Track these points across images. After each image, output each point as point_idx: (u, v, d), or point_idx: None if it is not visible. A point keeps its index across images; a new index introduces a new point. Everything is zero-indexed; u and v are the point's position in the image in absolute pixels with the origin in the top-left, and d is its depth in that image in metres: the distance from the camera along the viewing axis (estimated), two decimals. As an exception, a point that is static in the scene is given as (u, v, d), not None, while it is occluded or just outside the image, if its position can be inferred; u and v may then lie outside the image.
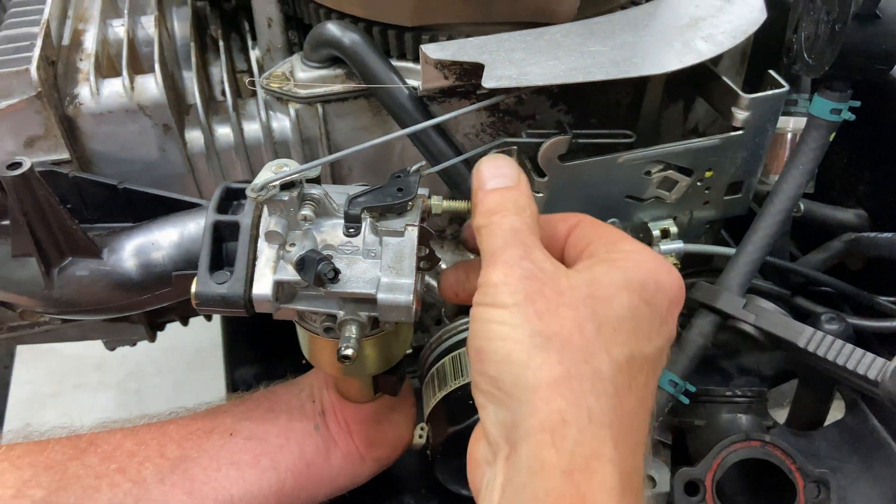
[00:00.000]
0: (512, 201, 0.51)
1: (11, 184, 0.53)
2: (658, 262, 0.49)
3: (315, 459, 0.67)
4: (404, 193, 0.53)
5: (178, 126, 0.67)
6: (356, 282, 0.53)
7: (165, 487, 0.61)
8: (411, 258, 0.53)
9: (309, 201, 0.54)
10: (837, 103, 0.66)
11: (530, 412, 0.42)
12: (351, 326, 0.54)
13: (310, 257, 0.51)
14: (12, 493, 0.57)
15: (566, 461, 0.40)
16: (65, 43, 0.68)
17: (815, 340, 0.63)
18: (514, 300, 0.45)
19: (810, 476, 0.69)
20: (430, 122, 0.62)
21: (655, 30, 0.63)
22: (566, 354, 0.43)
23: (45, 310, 0.62)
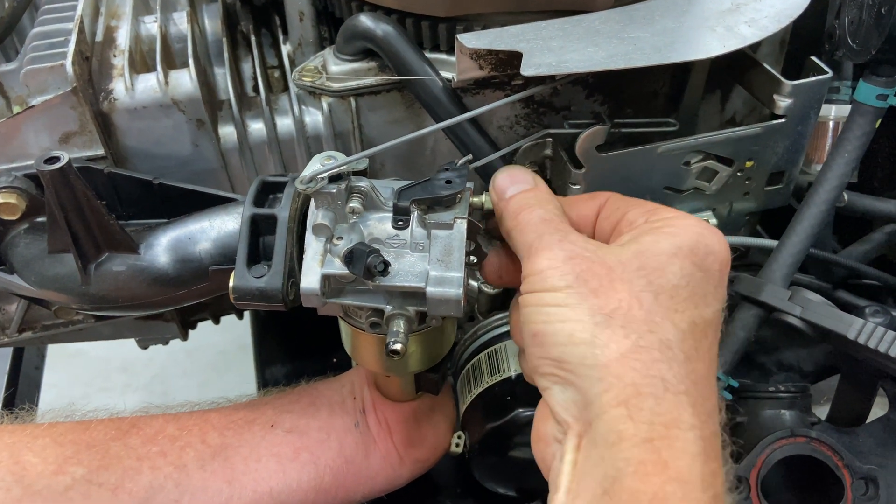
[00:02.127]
0: (533, 198, 0.51)
1: (49, 178, 0.53)
2: (702, 225, 0.48)
3: (354, 457, 0.66)
4: (453, 186, 0.53)
5: (211, 121, 0.66)
6: (405, 275, 0.52)
7: (206, 474, 0.61)
8: (460, 251, 0.52)
9: (356, 194, 0.53)
10: (884, 88, 0.64)
11: (603, 389, 0.41)
12: (399, 321, 0.53)
13: (359, 250, 0.50)
14: (53, 469, 0.57)
15: (645, 430, 0.40)
16: (98, 39, 0.68)
17: (865, 332, 0.62)
18: (565, 282, 0.45)
19: (858, 472, 0.67)
20: (466, 115, 0.61)
21: (696, 15, 0.62)
22: (631, 328, 0.42)
23: (81, 306, 0.61)
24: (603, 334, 0.43)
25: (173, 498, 0.59)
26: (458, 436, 0.73)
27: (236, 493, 0.61)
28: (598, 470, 0.41)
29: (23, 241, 0.61)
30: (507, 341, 0.72)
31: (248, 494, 0.61)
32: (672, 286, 0.45)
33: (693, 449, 0.40)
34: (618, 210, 0.52)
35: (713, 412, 0.44)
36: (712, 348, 0.46)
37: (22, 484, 0.55)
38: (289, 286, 0.55)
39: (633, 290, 0.44)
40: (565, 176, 0.68)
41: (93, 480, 0.57)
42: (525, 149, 0.71)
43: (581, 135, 0.64)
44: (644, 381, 0.41)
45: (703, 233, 0.47)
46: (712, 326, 0.46)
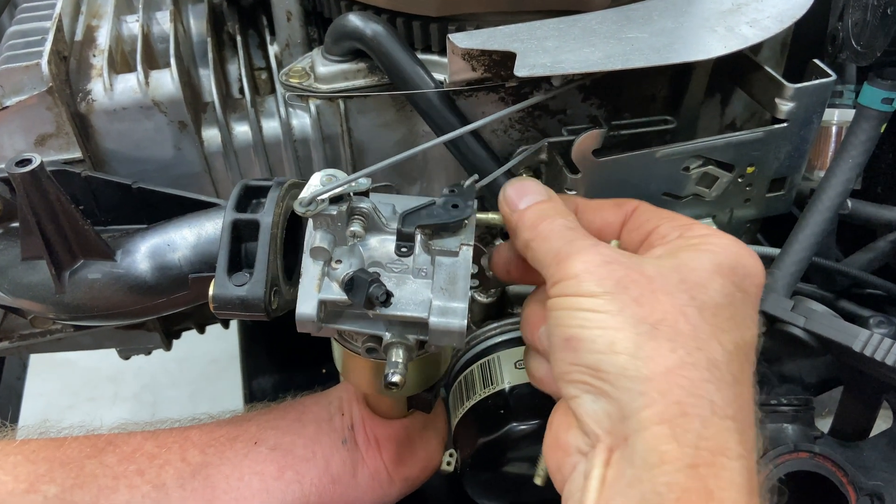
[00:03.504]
0: (552, 209, 0.50)
1: (20, 181, 0.50)
2: (739, 245, 0.47)
3: (341, 476, 0.64)
4: (460, 211, 0.50)
5: (194, 124, 0.64)
6: (407, 304, 0.49)
7: (185, 493, 0.59)
8: (465, 280, 0.50)
9: (358, 216, 0.50)
10: (889, 92, 0.62)
11: (644, 404, 0.39)
12: (398, 350, 0.51)
13: (360, 278, 0.48)
14: (25, 488, 0.55)
15: (691, 455, 0.38)
16: (77, 39, 0.66)
17: (872, 344, 0.59)
18: (603, 288, 0.42)
19: (864, 489, 0.65)
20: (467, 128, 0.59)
21: (696, 15, 0.60)
22: (678, 342, 0.40)
23: (56, 315, 0.59)
24: (648, 346, 0.40)
25: None
26: (450, 454, 0.71)
27: None
28: (633, 491, 0.38)
29: (-4, 248, 0.59)
30: (501, 352, 0.69)
31: None
32: (715, 304, 0.43)
33: (739, 480, 0.38)
34: (648, 222, 0.50)
35: (755, 442, 0.42)
36: (752, 375, 0.44)
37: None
38: (271, 295, 0.53)
39: (677, 304, 0.42)
40: (561, 181, 0.65)
41: (66, 499, 0.55)
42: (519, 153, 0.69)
43: (577, 139, 0.62)
44: (691, 400, 0.39)
45: (741, 253, 0.46)
46: (753, 350, 0.45)
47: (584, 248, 0.45)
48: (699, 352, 0.40)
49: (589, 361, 0.42)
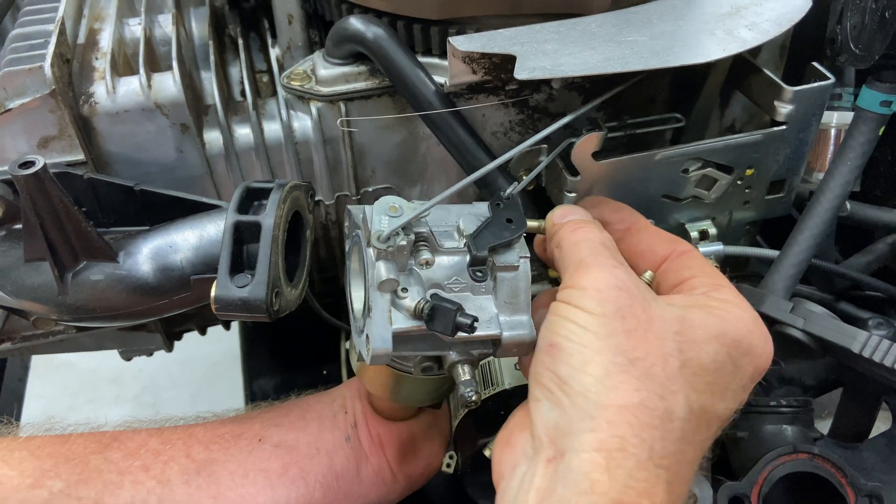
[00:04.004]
0: (594, 226, 0.51)
1: (24, 183, 0.51)
2: (756, 324, 0.47)
3: (345, 473, 0.64)
4: (517, 225, 0.52)
5: (196, 126, 0.64)
6: (479, 324, 0.49)
7: (191, 489, 0.59)
8: (527, 292, 0.51)
9: (423, 242, 0.51)
10: (888, 95, 0.63)
11: (590, 427, 0.41)
12: (465, 367, 0.51)
13: (443, 308, 0.47)
14: (30, 483, 0.55)
15: (618, 491, 0.40)
16: (80, 41, 0.66)
17: (870, 345, 0.60)
18: (602, 309, 0.44)
19: (862, 490, 0.65)
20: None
21: (695, 18, 0.60)
22: (645, 384, 0.42)
23: (58, 317, 0.59)
24: (616, 377, 0.42)
25: None
26: (450, 455, 0.71)
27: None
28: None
29: (-1, 249, 0.59)
30: (501, 354, 0.69)
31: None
32: (701, 365, 0.44)
33: None
34: (689, 269, 0.51)
35: (680, 498, 0.43)
36: (708, 441, 0.45)
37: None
38: (273, 296, 0.53)
39: (663, 350, 0.43)
40: (561, 183, 0.66)
41: (71, 494, 0.55)
42: (520, 156, 0.70)
43: (577, 142, 0.63)
44: (633, 440, 0.41)
45: (753, 331, 0.47)
46: (719, 422, 0.46)
47: (604, 266, 0.46)
48: (661, 400, 0.42)
49: (561, 372, 0.43)
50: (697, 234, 0.71)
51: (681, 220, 0.71)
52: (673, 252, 0.52)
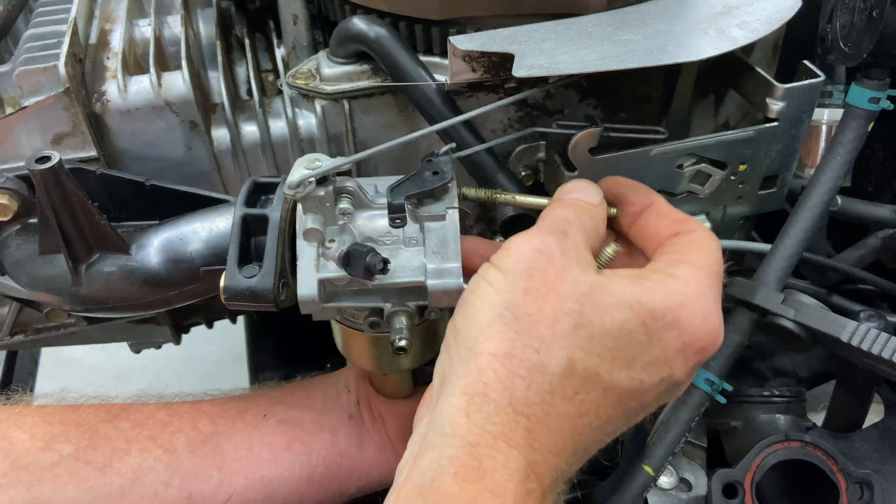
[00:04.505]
0: (582, 205, 0.52)
1: (40, 177, 0.53)
2: (694, 300, 0.47)
3: (348, 449, 0.66)
4: (440, 176, 0.53)
5: (204, 124, 0.66)
6: (403, 271, 0.52)
7: (196, 459, 0.61)
8: (455, 241, 0.52)
9: (345, 194, 0.53)
10: (876, 92, 0.64)
11: (463, 373, 0.43)
12: (401, 317, 0.53)
13: (356, 251, 0.50)
14: (41, 446, 0.57)
15: (475, 434, 0.41)
16: (92, 42, 0.68)
17: (858, 334, 0.61)
18: (514, 268, 0.46)
19: (853, 477, 0.66)
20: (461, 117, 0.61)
21: (688, 18, 0.62)
22: (523, 337, 0.43)
23: (72, 308, 0.61)
24: (496, 327, 0.44)
25: (163, 480, 0.59)
26: None
27: (226, 480, 0.61)
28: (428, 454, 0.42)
29: (14, 243, 0.61)
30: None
31: (239, 481, 0.61)
32: (601, 329, 0.44)
33: (513, 466, 0.41)
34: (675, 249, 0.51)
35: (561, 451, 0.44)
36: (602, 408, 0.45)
37: (9, 458, 0.55)
38: (280, 286, 0.55)
39: (560, 308, 0.44)
40: (559, 178, 0.68)
41: (80, 458, 0.57)
42: (519, 152, 0.71)
43: (574, 138, 0.64)
44: (496, 386, 0.42)
45: (686, 305, 0.46)
46: (615, 391, 0.45)
47: (535, 233, 0.48)
48: (535, 353, 0.43)
49: (458, 323, 0.46)
50: (692, 228, 0.72)
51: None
52: (677, 233, 0.52)
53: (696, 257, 0.49)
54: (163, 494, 0.58)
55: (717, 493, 0.66)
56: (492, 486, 0.40)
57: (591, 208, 0.52)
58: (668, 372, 0.47)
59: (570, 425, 0.44)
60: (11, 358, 1.17)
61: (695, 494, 0.71)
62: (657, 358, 0.46)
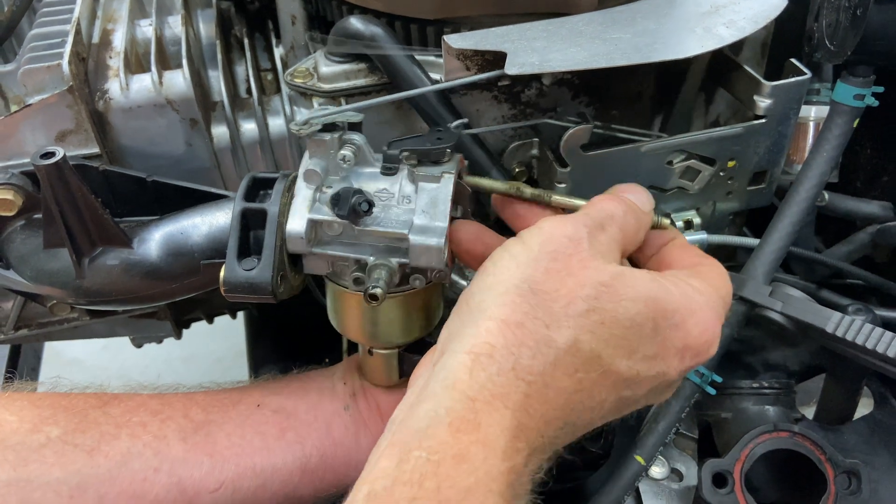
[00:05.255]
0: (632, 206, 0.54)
1: (45, 173, 0.54)
2: (704, 309, 0.50)
3: (343, 440, 0.67)
4: (443, 141, 0.55)
5: (204, 121, 0.68)
6: (389, 222, 0.53)
7: (187, 446, 0.61)
8: (445, 203, 0.54)
9: (349, 144, 0.55)
10: (861, 89, 0.66)
11: (471, 333, 0.45)
12: (381, 270, 0.55)
13: (345, 191, 0.52)
14: (29, 428, 0.57)
15: (475, 389, 0.43)
16: (94, 41, 0.70)
17: (843, 325, 0.63)
18: (539, 248, 0.47)
19: (841, 467, 0.67)
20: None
21: (676, 17, 0.63)
22: (536, 311, 0.45)
23: (75, 301, 0.62)
24: (510, 298, 0.45)
25: (152, 465, 0.59)
26: None
27: (218, 467, 0.61)
28: (425, 405, 0.44)
29: (19, 237, 0.62)
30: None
31: (231, 468, 0.61)
32: (613, 316, 0.46)
33: (506, 423, 0.43)
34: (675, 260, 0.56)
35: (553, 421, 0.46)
36: (596, 390, 0.47)
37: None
38: (278, 279, 0.56)
39: (576, 292, 0.46)
40: (551, 175, 0.69)
41: (68, 441, 0.58)
42: (512, 149, 0.73)
43: (566, 134, 0.66)
44: (502, 351, 0.44)
45: (696, 312, 0.49)
46: (612, 377, 0.47)
47: (573, 220, 0.49)
48: (545, 328, 0.45)
49: (473, 288, 0.48)
50: (682, 223, 0.74)
51: (666, 210, 0.74)
52: (697, 263, 0.55)
53: (711, 278, 0.53)
54: (152, 479, 0.59)
55: (707, 483, 0.67)
56: (484, 438, 0.42)
57: (641, 213, 0.54)
58: (664, 368, 0.49)
59: (564, 399, 0.46)
60: (14, 357, 1.19)
61: (686, 484, 0.72)
62: (657, 353, 0.48)
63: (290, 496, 0.65)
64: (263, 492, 0.63)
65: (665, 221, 0.57)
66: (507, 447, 0.42)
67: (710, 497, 0.67)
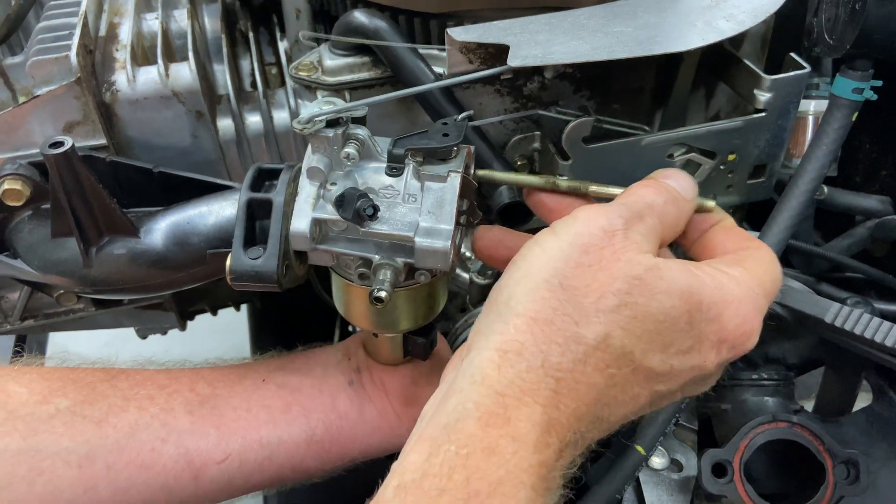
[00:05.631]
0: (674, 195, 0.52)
1: (53, 161, 0.55)
2: (743, 299, 0.48)
3: (348, 413, 0.67)
4: (449, 138, 0.53)
5: (210, 113, 0.68)
6: (394, 223, 0.53)
7: (194, 418, 0.62)
8: (452, 204, 0.53)
9: (353, 140, 0.54)
10: (859, 82, 0.67)
11: (500, 330, 0.45)
12: (386, 270, 0.54)
13: (350, 193, 0.51)
14: (38, 399, 0.58)
15: (504, 385, 0.43)
16: (101, 34, 0.70)
17: (842, 315, 0.63)
18: (571, 241, 0.46)
19: (839, 457, 0.68)
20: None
21: (677, 11, 0.64)
22: (566, 307, 0.45)
23: (82, 289, 0.63)
24: (542, 293, 0.45)
25: (160, 436, 0.60)
26: None
27: (224, 439, 0.62)
28: (452, 399, 0.44)
29: (27, 227, 0.63)
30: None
31: (237, 441, 0.62)
32: (645, 311, 0.45)
33: (536, 418, 0.43)
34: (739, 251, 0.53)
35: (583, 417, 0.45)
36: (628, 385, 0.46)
37: (5, 409, 0.56)
38: (283, 268, 0.57)
39: (607, 286, 0.45)
40: (553, 167, 0.70)
41: (77, 412, 0.58)
42: (515, 142, 0.74)
43: (567, 127, 0.67)
44: (531, 348, 0.44)
45: (732, 304, 0.48)
46: (644, 372, 0.46)
47: (607, 210, 0.48)
48: (574, 325, 0.44)
49: (502, 283, 0.47)
50: (683, 216, 0.75)
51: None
52: (744, 248, 0.53)
53: (753, 266, 0.51)
54: (160, 449, 0.59)
55: (707, 473, 0.68)
56: (514, 432, 0.42)
57: (682, 200, 0.52)
58: (700, 362, 0.48)
59: (596, 394, 0.45)
60: (19, 352, 1.19)
61: (685, 475, 0.73)
62: (692, 347, 0.47)
63: (296, 468, 0.65)
64: (270, 464, 0.63)
65: (710, 204, 0.55)
66: (537, 441, 0.42)
67: (710, 486, 0.67)
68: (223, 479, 0.62)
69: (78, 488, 0.56)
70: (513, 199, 0.67)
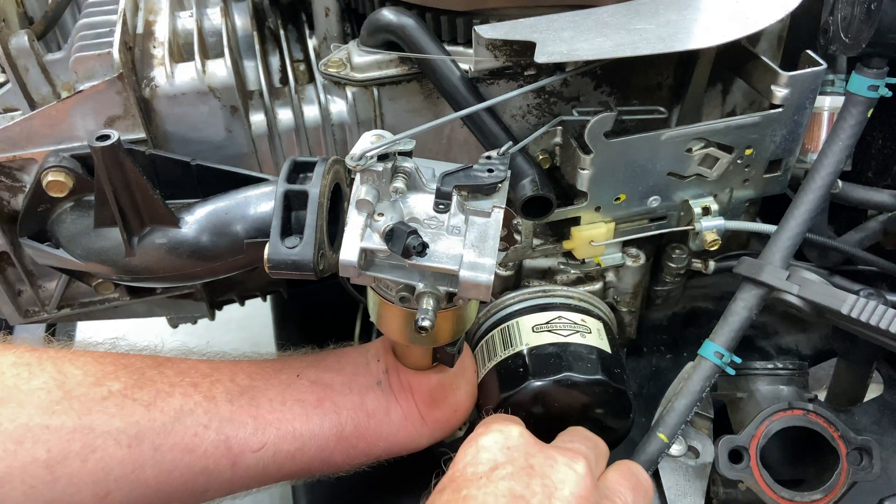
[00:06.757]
0: None
1: (100, 154, 0.57)
2: None
3: (376, 412, 0.70)
4: (494, 175, 0.56)
5: (243, 109, 0.71)
6: (440, 257, 0.55)
7: (233, 407, 0.65)
8: (495, 239, 0.55)
9: (401, 174, 0.56)
10: (875, 80, 0.69)
11: None
12: (429, 299, 0.56)
13: (399, 229, 0.53)
14: (92, 381, 0.61)
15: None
16: (139, 32, 0.73)
17: (858, 307, 0.65)
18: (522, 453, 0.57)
19: (853, 443, 0.70)
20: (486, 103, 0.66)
21: (699, 8, 0.66)
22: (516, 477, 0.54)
23: (122, 278, 0.65)
24: None
25: (202, 422, 0.63)
26: (459, 428, 0.77)
27: (261, 429, 0.65)
28: None
29: (69, 218, 0.65)
30: (519, 318, 0.76)
31: (273, 432, 0.65)
32: None
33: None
34: None
35: None
36: None
37: (63, 388, 0.59)
38: (318, 257, 0.59)
39: None
40: (575, 161, 0.72)
41: (128, 395, 0.61)
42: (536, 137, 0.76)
43: (590, 121, 0.69)
44: None
45: None
46: None
47: None
48: None
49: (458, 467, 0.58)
50: (700, 209, 0.77)
51: (685, 197, 0.77)
52: None
53: None
54: (202, 435, 0.62)
55: (724, 458, 0.70)
56: None
57: None
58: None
59: None
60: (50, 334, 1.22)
61: (702, 461, 0.75)
62: None
63: (325, 461, 0.68)
64: (301, 455, 0.66)
65: None
66: None
67: (727, 472, 0.69)
68: (258, 468, 0.65)
69: (127, 467, 0.59)
70: (535, 193, 0.69)
